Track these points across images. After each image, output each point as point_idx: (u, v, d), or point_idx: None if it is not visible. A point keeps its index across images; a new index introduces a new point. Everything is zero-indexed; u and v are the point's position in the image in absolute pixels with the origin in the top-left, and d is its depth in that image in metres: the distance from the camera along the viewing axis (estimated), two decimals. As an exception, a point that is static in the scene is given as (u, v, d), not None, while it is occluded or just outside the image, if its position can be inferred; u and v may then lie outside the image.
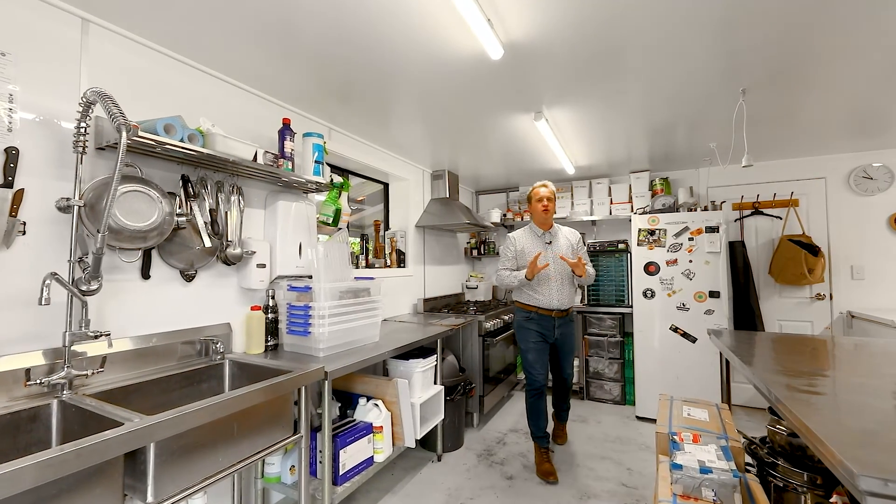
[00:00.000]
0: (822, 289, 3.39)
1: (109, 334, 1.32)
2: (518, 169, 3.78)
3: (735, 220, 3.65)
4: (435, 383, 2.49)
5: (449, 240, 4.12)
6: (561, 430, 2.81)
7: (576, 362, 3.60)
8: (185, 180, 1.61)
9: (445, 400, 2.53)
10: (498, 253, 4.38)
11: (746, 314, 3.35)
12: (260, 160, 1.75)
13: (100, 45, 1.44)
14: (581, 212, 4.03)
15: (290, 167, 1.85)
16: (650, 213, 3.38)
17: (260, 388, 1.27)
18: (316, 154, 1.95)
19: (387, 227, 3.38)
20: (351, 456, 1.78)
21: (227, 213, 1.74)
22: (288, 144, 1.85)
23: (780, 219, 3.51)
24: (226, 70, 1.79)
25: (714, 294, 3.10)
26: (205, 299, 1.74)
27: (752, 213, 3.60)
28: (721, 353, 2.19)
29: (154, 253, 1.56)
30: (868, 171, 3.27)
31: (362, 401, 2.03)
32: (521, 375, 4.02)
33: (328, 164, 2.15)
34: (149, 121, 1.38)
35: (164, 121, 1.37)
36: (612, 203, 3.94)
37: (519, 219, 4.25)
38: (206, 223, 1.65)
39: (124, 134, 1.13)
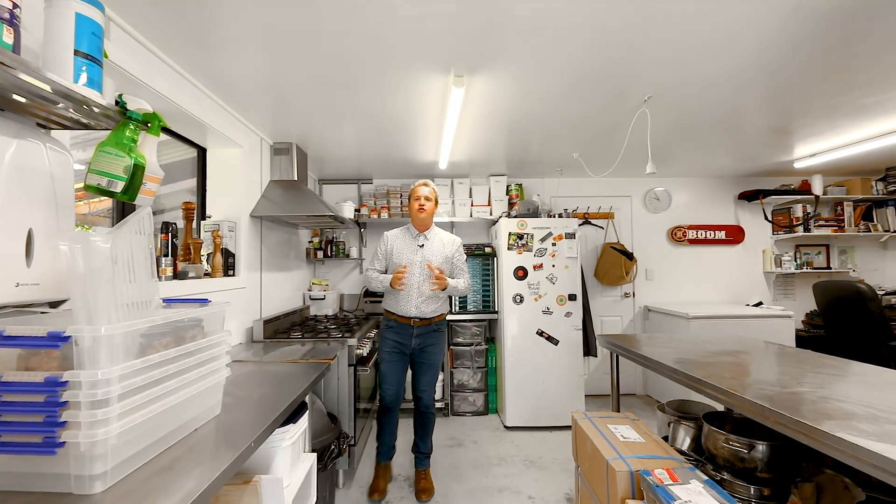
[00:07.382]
0: (628, 289, 4.07)
1: None
2: (378, 156, 3.16)
3: (572, 229, 4.02)
4: (305, 450, 1.65)
5: (286, 236, 3.13)
6: (424, 479, 2.24)
7: (440, 377, 3.23)
8: None
9: (317, 469, 1.72)
10: (348, 255, 3.64)
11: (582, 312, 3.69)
12: None
13: None
14: (443, 212, 3.72)
15: (7, 43, 0.76)
16: (519, 216, 3.33)
17: None
18: (85, 39, 0.89)
19: (204, 216, 2.20)
20: None
21: None
22: (2, -8, 0.75)
23: (603, 228, 4.06)
24: None
25: (572, 297, 3.25)
26: None
27: (584, 223, 4.04)
28: (613, 356, 2.17)
29: None
30: (656, 193, 4.11)
31: (190, 536, 1.06)
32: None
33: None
34: None
35: None
36: (472, 205, 3.78)
37: (375, 215, 3.61)
38: None
39: None
